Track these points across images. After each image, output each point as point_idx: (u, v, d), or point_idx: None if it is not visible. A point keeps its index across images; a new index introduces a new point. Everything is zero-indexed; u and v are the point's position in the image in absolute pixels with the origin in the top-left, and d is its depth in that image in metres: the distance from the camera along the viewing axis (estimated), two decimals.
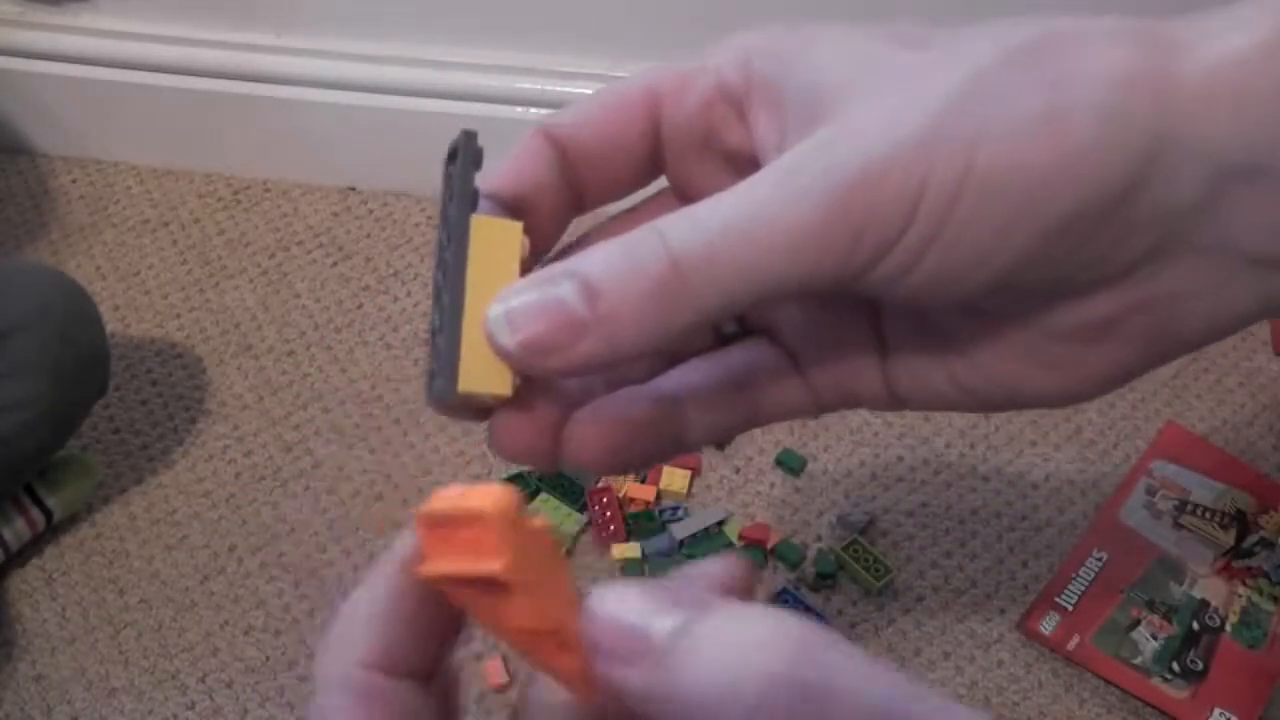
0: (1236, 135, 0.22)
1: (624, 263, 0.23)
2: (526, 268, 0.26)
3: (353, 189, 1.17)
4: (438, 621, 0.22)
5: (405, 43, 1.08)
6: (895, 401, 0.29)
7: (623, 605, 0.20)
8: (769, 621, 0.18)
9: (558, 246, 0.29)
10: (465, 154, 0.25)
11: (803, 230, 0.22)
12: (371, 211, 1.15)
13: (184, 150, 1.19)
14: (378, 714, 0.21)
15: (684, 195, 0.29)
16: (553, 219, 0.28)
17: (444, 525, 0.20)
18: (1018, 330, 0.26)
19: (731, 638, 0.18)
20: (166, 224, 1.16)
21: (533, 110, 1.06)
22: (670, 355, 0.29)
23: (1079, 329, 0.25)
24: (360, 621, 0.22)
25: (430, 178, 0.27)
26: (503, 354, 0.24)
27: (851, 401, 0.29)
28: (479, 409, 0.26)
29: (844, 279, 0.23)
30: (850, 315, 0.28)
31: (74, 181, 1.20)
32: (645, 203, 0.30)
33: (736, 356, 0.29)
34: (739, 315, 0.29)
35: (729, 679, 0.18)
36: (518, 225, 0.25)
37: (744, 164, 0.27)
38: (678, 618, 0.19)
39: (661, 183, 0.30)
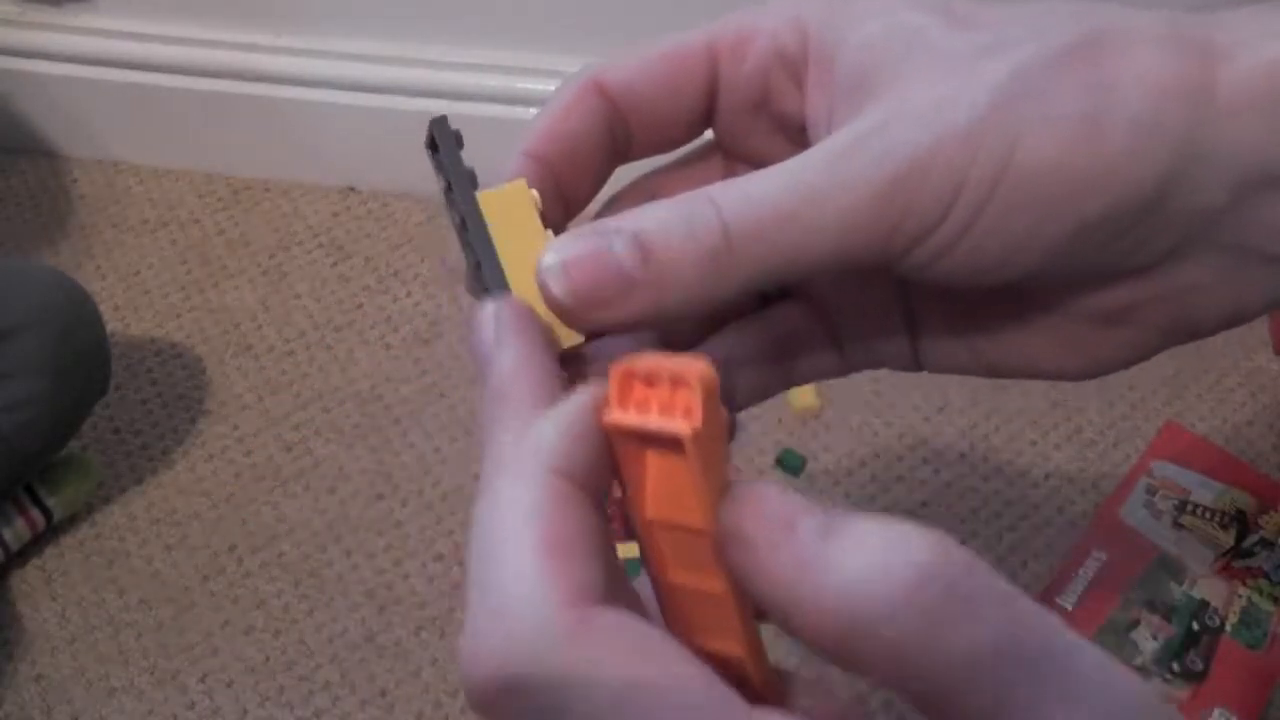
0: (1267, 146, 0.23)
1: (679, 226, 0.23)
2: (547, 220, 0.26)
3: (353, 189, 1.17)
4: (608, 474, 0.21)
5: (405, 43, 1.08)
6: (916, 365, 0.30)
7: (769, 495, 0.20)
8: (914, 526, 0.18)
9: (600, 202, 0.29)
10: (445, 142, 0.26)
11: (849, 214, 0.23)
12: (371, 211, 1.15)
13: (184, 150, 1.19)
14: (572, 511, 0.20)
15: (731, 153, 0.30)
16: (592, 173, 0.28)
17: (641, 380, 0.20)
18: (1041, 312, 0.27)
19: (880, 531, 0.18)
20: (166, 224, 1.16)
21: (533, 110, 1.06)
22: (716, 318, 0.29)
23: (1100, 314, 0.26)
24: (550, 431, 0.20)
25: (430, 178, 0.27)
26: (552, 303, 0.24)
27: (877, 364, 0.30)
28: None
29: (882, 260, 0.24)
30: (882, 284, 0.29)
31: (74, 181, 1.20)
32: (689, 160, 0.30)
33: (776, 321, 0.30)
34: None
35: (880, 562, 0.18)
36: (521, 183, 0.26)
37: (795, 129, 0.28)
38: (823, 514, 0.19)
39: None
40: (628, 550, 0.91)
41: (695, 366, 0.19)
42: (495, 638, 0.19)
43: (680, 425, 0.19)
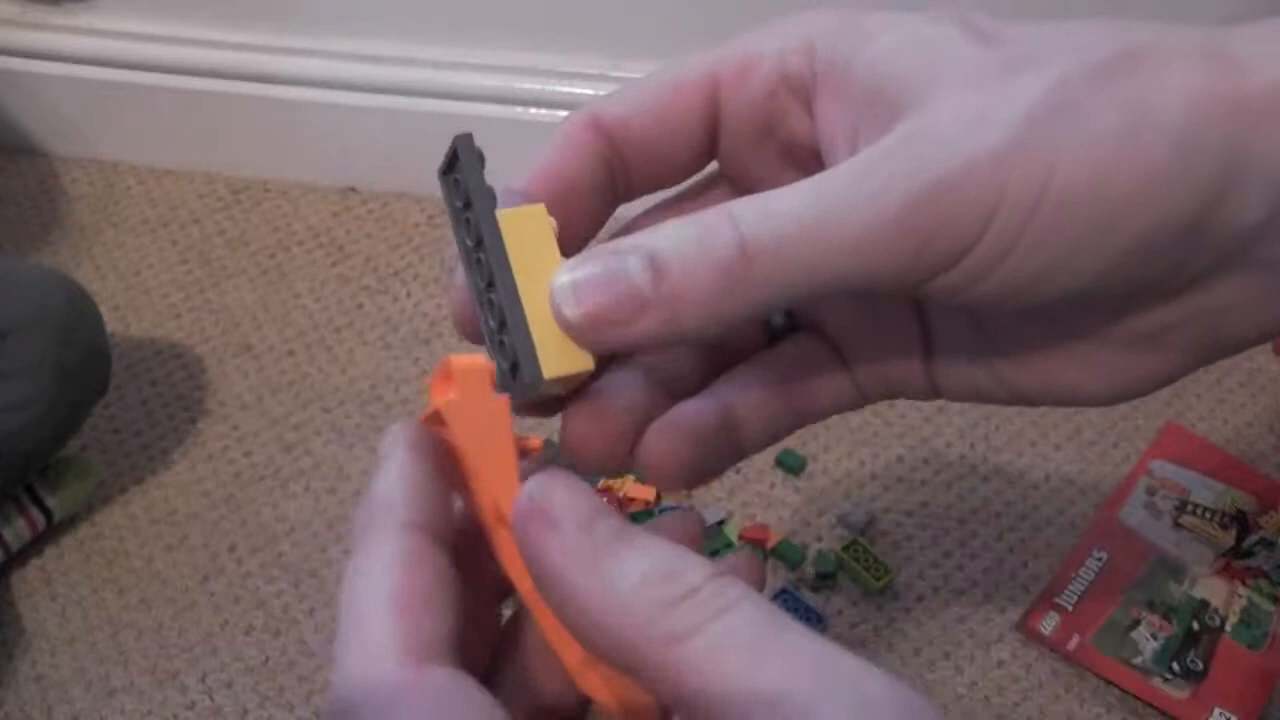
0: None
1: (694, 244, 0.23)
2: (563, 246, 0.26)
3: (353, 189, 1.17)
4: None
5: (405, 43, 1.08)
6: (934, 393, 0.29)
7: (578, 488, 0.22)
8: (693, 552, 0.21)
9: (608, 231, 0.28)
10: (470, 158, 0.25)
11: (873, 231, 0.22)
12: (371, 211, 1.15)
13: (184, 150, 1.19)
14: (424, 567, 0.22)
15: (737, 184, 0.29)
16: (590, 213, 0.27)
17: (442, 377, 0.24)
18: (1069, 337, 0.26)
19: (666, 547, 0.21)
20: (166, 224, 1.16)
21: (533, 110, 1.06)
22: (721, 360, 0.29)
23: (1130, 337, 0.25)
24: (392, 487, 0.23)
25: (431, 177, 0.27)
26: (565, 325, 0.24)
27: (893, 394, 0.29)
28: (550, 398, 0.27)
29: (908, 283, 0.23)
30: (897, 311, 0.28)
31: (74, 181, 1.20)
32: (697, 188, 0.29)
33: (786, 357, 0.29)
34: (788, 310, 0.29)
35: (666, 569, 0.21)
36: (540, 208, 0.25)
37: (803, 155, 0.27)
38: (619, 522, 0.22)
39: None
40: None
41: (458, 357, 0.23)
42: (339, 686, 0.21)
43: (437, 400, 0.23)
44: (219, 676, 0.86)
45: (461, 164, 0.25)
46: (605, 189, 0.27)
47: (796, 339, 0.29)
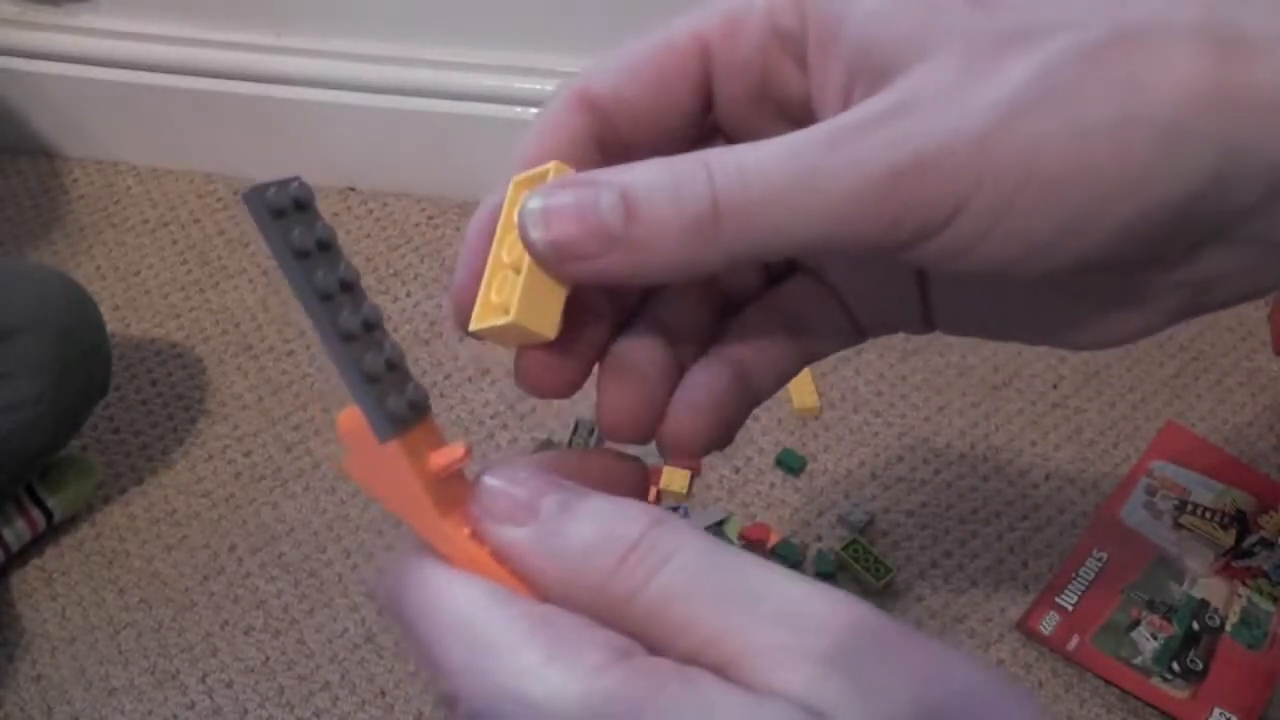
0: None
1: (668, 191, 0.23)
2: None
3: (353, 189, 1.17)
4: None
5: (405, 43, 1.08)
6: (929, 329, 0.29)
7: (515, 480, 0.23)
8: (634, 502, 0.22)
9: None
10: (263, 218, 0.22)
11: (842, 200, 0.22)
12: (371, 211, 1.15)
13: (184, 150, 1.19)
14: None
15: (735, 141, 0.28)
16: None
17: None
18: (1054, 295, 0.26)
19: (606, 505, 0.22)
20: (166, 224, 1.16)
21: (533, 110, 1.06)
22: (724, 302, 0.29)
23: (1114, 300, 0.26)
24: None
25: (430, 178, 0.27)
26: (530, 247, 0.24)
27: (891, 330, 0.29)
28: (513, 343, 0.27)
29: (880, 251, 0.23)
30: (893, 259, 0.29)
31: (74, 181, 1.20)
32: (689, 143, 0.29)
33: (787, 300, 0.29)
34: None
35: (606, 532, 0.22)
36: (560, 166, 0.25)
37: (801, 112, 0.26)
38: (561, 494, 0.23)
39: None
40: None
41: (341, 415, 0.24)
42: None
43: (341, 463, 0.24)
44: (219, 676, 0.86)
45: (256, 223, 0.22)
46: (596, 165, 0.27)
47: (795, 279, 0.29)
